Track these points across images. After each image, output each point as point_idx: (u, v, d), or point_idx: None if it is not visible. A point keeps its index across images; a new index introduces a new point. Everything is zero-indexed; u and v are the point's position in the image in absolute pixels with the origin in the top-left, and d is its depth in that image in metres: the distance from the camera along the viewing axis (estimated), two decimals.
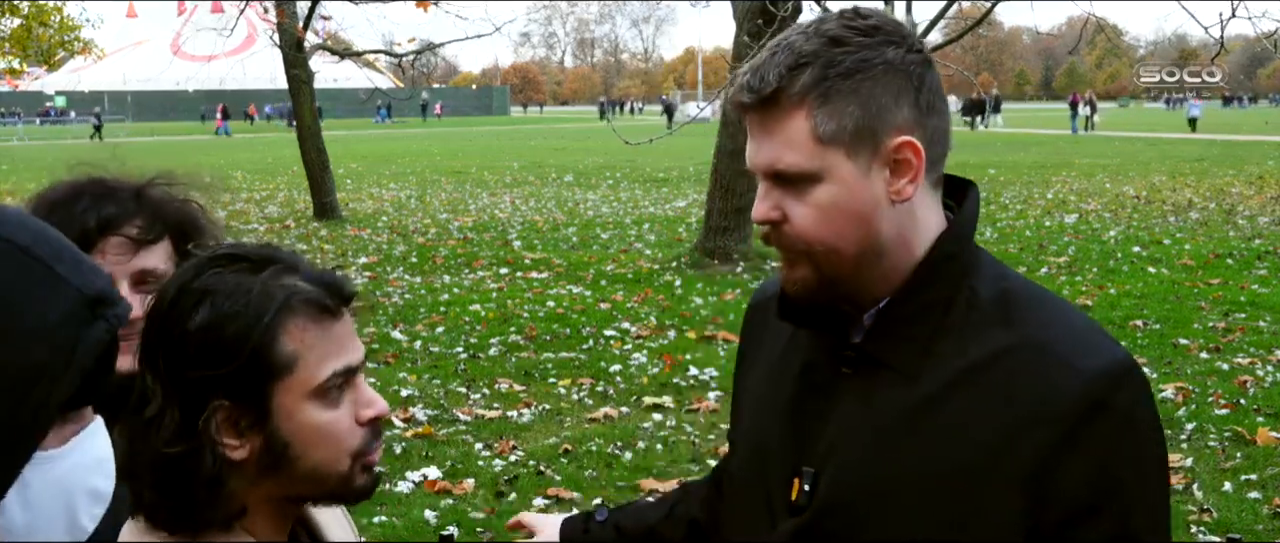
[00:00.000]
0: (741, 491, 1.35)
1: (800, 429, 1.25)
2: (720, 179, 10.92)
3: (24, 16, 22.82)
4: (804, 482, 1.22)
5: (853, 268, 1.19)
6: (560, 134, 47.84)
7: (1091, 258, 11.49)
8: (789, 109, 1.15)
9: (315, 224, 15.43)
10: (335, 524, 1.30)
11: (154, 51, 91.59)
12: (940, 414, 1.16)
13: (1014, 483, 1.12)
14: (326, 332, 1.11)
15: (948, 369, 1.16)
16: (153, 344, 1.09)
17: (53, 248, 1.01)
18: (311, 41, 16.80)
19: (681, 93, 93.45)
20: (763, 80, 1.16)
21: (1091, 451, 1.11)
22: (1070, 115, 45.77)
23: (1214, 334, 7.81)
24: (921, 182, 1.18)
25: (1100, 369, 1.13)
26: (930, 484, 1.15)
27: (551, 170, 25.76)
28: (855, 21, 1.16)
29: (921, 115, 1.17)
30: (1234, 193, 18.15)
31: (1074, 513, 1.12)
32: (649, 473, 5.17)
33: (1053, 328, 1.17)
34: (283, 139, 37.60)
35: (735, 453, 1.41)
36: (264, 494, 1.12)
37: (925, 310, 1.19)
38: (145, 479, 1.08)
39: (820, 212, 1.17)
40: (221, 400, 1.07)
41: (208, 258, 1.11)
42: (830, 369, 1.24)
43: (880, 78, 1.15)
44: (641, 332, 8.13)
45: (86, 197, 1.49)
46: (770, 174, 1.19)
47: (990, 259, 1.25)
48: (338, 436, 1.11)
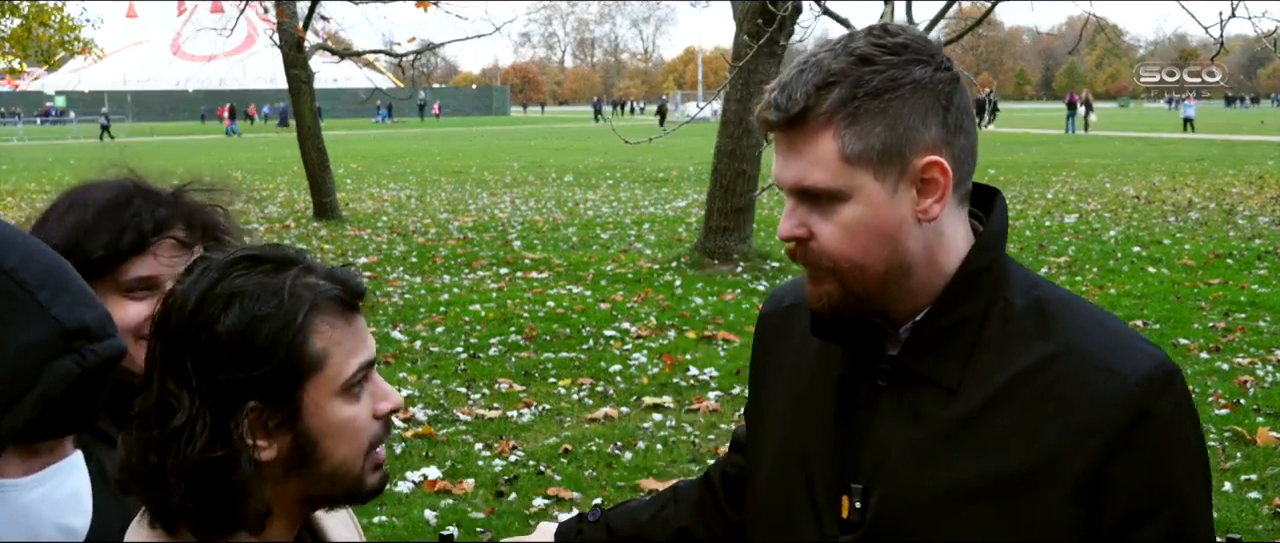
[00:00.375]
0: (779, 505, 1.33)
1: (843, 444, 1.24)
2: (720, 179, 10.92)
3: (24, 16, 22.82)
4: (854, 499, 1.22)
5: (879, 286, 1.19)
6: (560, 134, 47.86)
7: (1091, 258, 11.50)
8: (816, 128, 1.15)
9: (315, 224, 15.43)
10: (341, 528, 1.32)
11: (154, 51, 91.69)
12: (987, 427, 1.16)
13: (1067, 493, 1.13)
14: (350, 328, 1.13)
15: (989, 382, 1.17)
16: (176, 351, 1.08)
17: (41, 273, 0.99)
18: (311, 41, 16.79)
19: (681, 93, 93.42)
20: (790, 99, 1.15)
21: (1142, 456, 1.12)
22: (1067, 115, 45.93)
23: (1214, 334, 7.81)
24: (948, 200, 1.18)
25: (1145, 375, 1.14)
26: (983, 498, 1.15)
27: (551, 170, 25.77)
28: (884, 40, 1.16)
29: (949, 135, 1.16)
30: (1234, 193, 18.15)
31: (1128, 518, 1.13)
32: (649, 473, 5.17)
33: (1091, 335, 1.18)
34: (283, 139, 37.61)
35: (759, 464, 1.39)
36: (287, 496, 1.14)
37: (961, 325, 1.19)
38: (177, 487, 1.07)
39: (846, 230, 1.17)
40: (253, 402, 1.07)
41: (227, 262, 1.11)
42: (868, 383, 1.24)
43: (908, 97, 1.14)
44: (641, 332, 8.13)
45: (137, 199, 1.49)
46: (797, 192, 1.19)
47: (1019, 269, 1.25)
48: (359, 429, 1.13)
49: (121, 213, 1.46)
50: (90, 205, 1.48)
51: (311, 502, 1.18)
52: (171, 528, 1.11)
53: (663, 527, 1.59)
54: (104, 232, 1.46)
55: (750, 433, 1.45)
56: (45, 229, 1.48)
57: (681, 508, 1.59)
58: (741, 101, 10.47)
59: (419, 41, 17.81)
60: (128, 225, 1.44)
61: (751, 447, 1.44)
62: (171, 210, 1.50)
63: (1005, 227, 1.25)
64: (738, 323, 8.37)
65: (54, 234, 1.45)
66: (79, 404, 1.08)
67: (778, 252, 11.85)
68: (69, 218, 1.48)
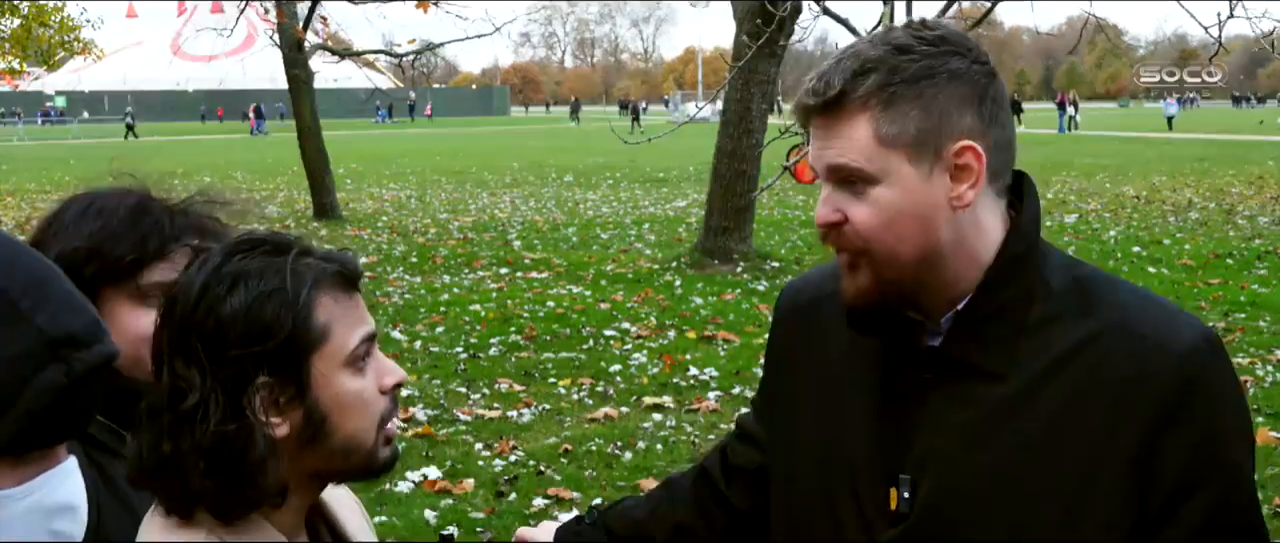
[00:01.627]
0: (817, 504, 1.33)
1: (889, 437, 1.25)
2: (720, 179, 10.92)
3: (24, 16, 22.80)
4: (902, 490, 1.22)
5: (913, 272, 1.20)
6: (559, 134, 47.82)
7: (1091, 258, 11.50)
8: (853, 112, 1.18)
9: (315, 224, 15.43)
10: (351, 515, 1.35)
11: (154, 51, 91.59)
12: (1036, 409, 1.17)
13: (1119, 468, 1.14)
14: (349, 302, 1.18)
15: (1035, 364, 1.18)
16: (185, 335, 1.11)
17: (23, 282, 0.98)
18: (311, 41, 16.79)
19: (681, 93, 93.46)
20: (828, 84, 1.18)
21: (1191, 428, 1.14)
22: (1059, 115, 46.53)
23: None
24: (982, 188, 1.19)
25: (1190, 346, 1.16)
26: (1035, 479, 1.16)
27: (551, 170, 25.77)
28: (923, 32, 1.19)
29: (985, 125, 1.19)
30: (1234, 193, 18.15)
31: (1179, 489, 1.15)
32: (649, 473, 5.17)
33: (1132, 310, 1.20)
34: (283, 139, 37.57)
35: (789, 462, 1.39)
36: (301, 472, 1.17)
37: (1004, 310, 1.21)
38: (195, 469, 1.10)
39: (880, 212, 1.18)
40: (264, 377, 1.11)
41: (228, 247, 1.16)
42: (911, 376, 1.25)
43: (944, 85, 1.17)
44: (641, 332, 8.13)
45: (157, 206, 1.52)
46: (833, 175, 1.20)
47: (1056, 251, 1.27)
48: (367, 402, 1.17)
49: (144, 219, 1.48)
50: (113, 211, 1.49)
51: (325, 476, 1.21)
52: (187, 515, 1.14)
53: (660, 522, 1.59)
54: (129, 237, 1.47)
55: (774, 431, 1.44)
56: (61, 235, 1.48)
57: (677, 503, 1.59)
58: (741, 102, 10.47)
59: (419, 42, 17.78)
60: (151, 232, 1.46)
61: (776, 445, 1.43)
62: (187, 218, 1.53)
63: (1039, 211, 1.27)
64: (738, 323, 8.38)
65: (73, 238, 1.46)
66: (69, 412, 1.07)
67: (778, 251, 11.85)
68: (89, 222, 1.49)
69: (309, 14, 16.06)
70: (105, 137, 48.87)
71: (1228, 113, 68.03)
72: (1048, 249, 1.25)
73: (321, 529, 1.29)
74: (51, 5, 23.51)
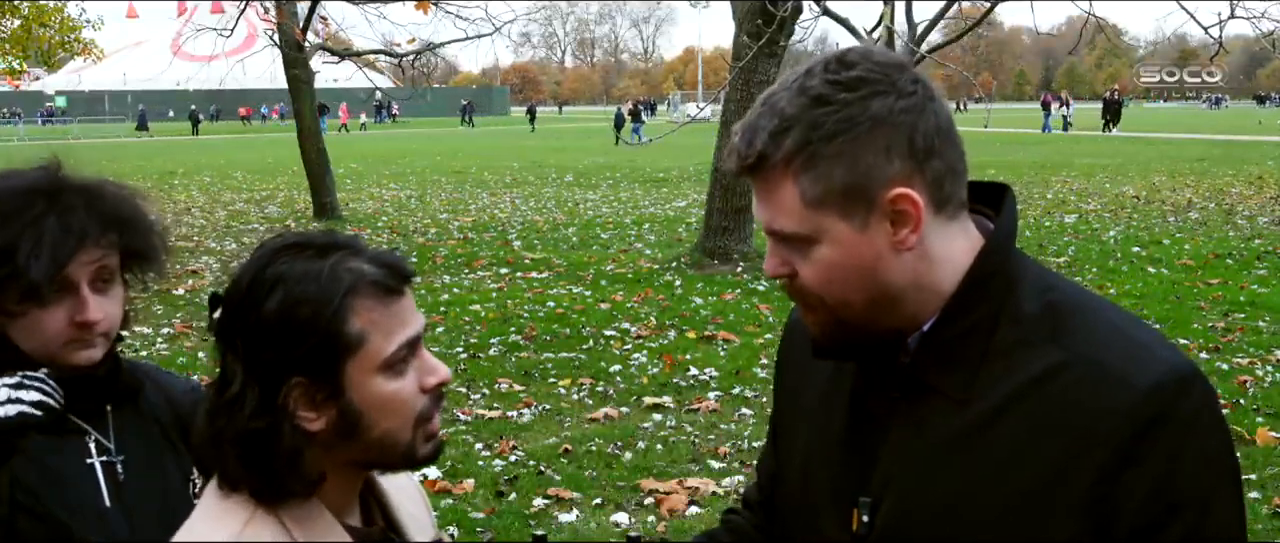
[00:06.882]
0: (797, 517, 1.34)
1: (855, 458, 1.24)
2: (720, 179, 10.92)
3: (24, 17, 22.79)
4: (862, 512, 1.22)
5: (868, 316, 1.18)
6: (559, 134, 47.82)
7: (1091, 258, 11.50)
8: (777, 176, 1.14)
9: (315, 224, 15.43)
10: (408, 501, 1.39)
11: (154, 51, 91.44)
12: (994, 439, 1.14)
13: (1074, 507, 1.10)
14: (390, 309, 1.19)
15: (998, 392, 1.15)
16: (231, 329, 1.17)
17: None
18: (311, 42, 16.79)
19: (681, 93, 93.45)
20: (749, 145, 1.15)
21: (1152, 466, 1.09)
22: (1044, 116, 46.89)
23: (1213, 334, 7.82)
24: (925, 227, 1.15)
25: (1155, 383, 1.10)
26: (990, 510, 1.13)
27: (551, 170, 25.76)
28: (839, 75, 1.13)
29: (918, 164, 1.13)
30: (1233, 193, 18.15)
31: (1140, 530, 1.10)
32: (649, 473, 5.17)
33: (1101, 340, 1.14)
34: (283, 139, 37.57)
35: (788, 466, 1.40)
36: (339, 460, 1.20)
37: (969, 334, 1.17)
38: (230, 453, 1.16)
39: (824, 269, 1.16)
40: (298, 377, 1.15)
41: (276, 247, 1.19)
42: (880, 395, 1.24)
43: (864, 137, 1.11)
44: (641, 332, 8.13)
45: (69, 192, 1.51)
46: (770, 234, 1.19)
47: (1035, 268, 1.22)
48: (404, 402, 1.19)
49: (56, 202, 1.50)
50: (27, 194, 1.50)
51: (365, 465, 1.25)
52: (235, 486, 1.19)
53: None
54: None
55: (781, 432, 1.46)
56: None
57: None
58: (741, 102, 10.47)
59: (419, 42, 17.75)
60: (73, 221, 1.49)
61: (782, 447, 1.44)
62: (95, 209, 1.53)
63: (1014, 226, 1.23)
64: (738, 323, 8.38)
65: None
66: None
67: None
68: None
69: (309, 14, 16.05)
70: (106, 136, 48.83)
71: (1238, 112, 67.98)
72: (1025, 269, 1.21)
73: (374, 509, 1.33)
74: (52, 5, 23.50)
